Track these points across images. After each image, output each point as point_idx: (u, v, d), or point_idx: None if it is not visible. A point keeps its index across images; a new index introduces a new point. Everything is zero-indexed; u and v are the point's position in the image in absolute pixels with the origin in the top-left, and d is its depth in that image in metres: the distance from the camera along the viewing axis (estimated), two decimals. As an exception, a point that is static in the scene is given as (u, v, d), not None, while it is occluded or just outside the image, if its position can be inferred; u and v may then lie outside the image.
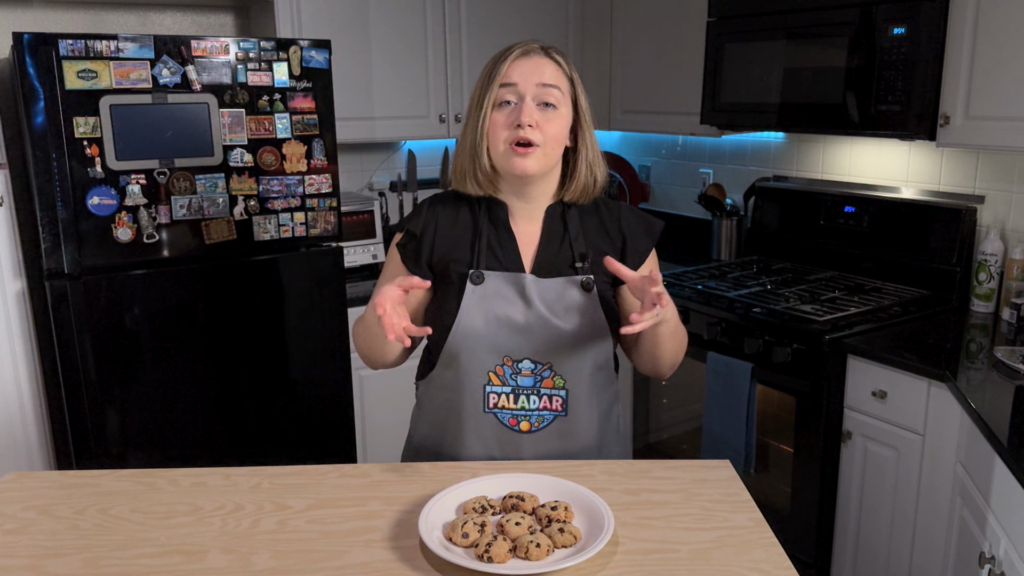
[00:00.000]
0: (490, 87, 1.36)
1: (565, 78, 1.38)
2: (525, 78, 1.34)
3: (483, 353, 1.39)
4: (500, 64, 1.36)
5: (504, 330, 1.38)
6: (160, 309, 2.33)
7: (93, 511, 1.28)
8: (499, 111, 1.35)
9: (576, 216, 1.45)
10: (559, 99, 1.36)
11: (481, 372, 1.40)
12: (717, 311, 2.54)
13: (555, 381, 1.41)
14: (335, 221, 2.55)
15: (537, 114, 1.34)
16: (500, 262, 1.41)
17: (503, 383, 1.41)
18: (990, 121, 2.17)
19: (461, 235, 1.43)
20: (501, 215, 1.43)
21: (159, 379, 2.35)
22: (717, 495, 1.31)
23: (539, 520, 1.20)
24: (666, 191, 3.62)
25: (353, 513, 1.27)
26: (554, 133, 1.36)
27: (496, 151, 1.37)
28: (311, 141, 2.46)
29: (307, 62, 2.42)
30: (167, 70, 2.23)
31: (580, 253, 1.43)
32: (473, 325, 1.38)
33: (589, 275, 1.42)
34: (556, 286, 1.40)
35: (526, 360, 1.40)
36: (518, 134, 1.33)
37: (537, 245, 1.43)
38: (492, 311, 1.38)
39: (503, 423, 1.42)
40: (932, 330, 2.34)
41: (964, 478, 1.90)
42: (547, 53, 1.38)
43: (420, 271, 1.43)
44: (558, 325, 1.38)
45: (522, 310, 1.39)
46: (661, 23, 3.09)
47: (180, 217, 2.31)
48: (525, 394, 1.41)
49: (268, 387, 2.53)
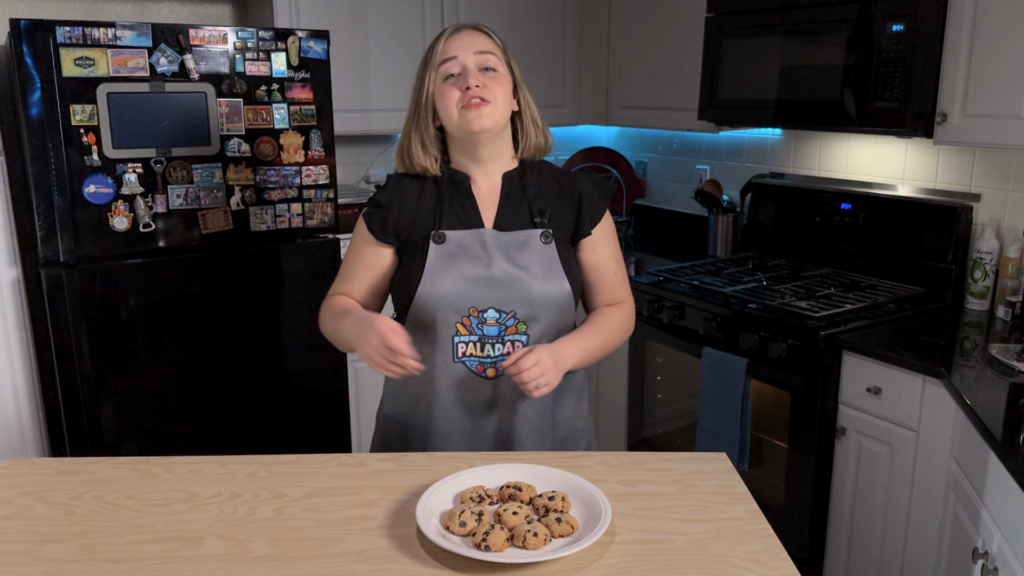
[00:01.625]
0: (428, 67, 1.47)
1: (497, 46, 1.49)
2: (463, 49, 1.45)
3: (449, 308, 1.45)
4: (436, 45, 1.47)
5: (468, 284, 1.45)
6: (156, 299, 2.32)
7: (89, 497, 1.28)
8: (444, 83, 1.45)
9: (534, 181, 1.54)
10: (496, 63, 1.47)
11: (449, 324, 1.46)
12: (713, 307, 2.54)
13: (518, 327, 1.47)
14: (332, 212, 2.55)
15: (481, 76, 1.44)
16: (461, 222, 1.49)
17: (470, 332, 1.47)
18: (987, 119, 2.17)
19: (425, 203, 1.50)
20: (462, 180, 1.51)
21: (154, 369, 2.35)
22: (713, 487, 1.32)
23: (536, 510, 1.20)
24: (663, 187, 3.62)
25: (349, 501, 1.27)
26: (500, 91, 1.45)
27: (451, 118, 1.45)
28: (309, 132, 2.45)
29: (305, 52, 2.41)
30: (165, 59, 2.22)
31: (539, 209, 1.51)
32: (438, 282, 1.45)
33: (548, 229, 1.50)
34: (517, 238, 1.48)
35: (491, 310, 1.46)
36: (468, 95, 1.42)
37: (497, 205, 1.52)
38: (456, 268, 1.45)
39: (471, 370, 1.48)
40: (927, 327, 2.35)
41: (958, 474, 1.91)
42: (476, 27, 1.50)
43: (387, 237, 1.51)
44: (519, 275, 1.45)
45: (485, 263, 1.46)
46: (659, 19, 3.09)
47: (176, 206, 2.30)
48: (491, 343, 1.47)
49: (263, 378, 2.52)
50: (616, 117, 3.36)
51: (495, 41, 1.50)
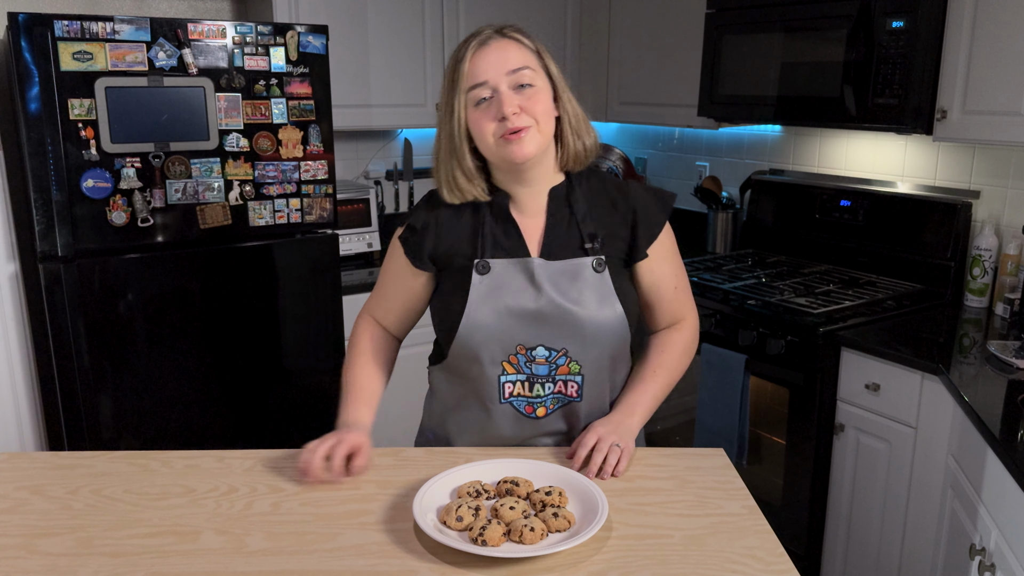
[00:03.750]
0: (456, 91, 1.31)
1: (531, 53, 1.33)
2: (493, 71, 1.29)
3: (495, 345, 1.35)
4: (461, 65, 1.31)
5: (515, 320, 1.34)
6: (154, 294, 2.32)
7: (86, 491, 1.28)
8: (476, 109, 1.31)
9: (582, 197, 1.40)
10: (532, 77, 1.31)
11: (495, 364, 1.37)
12: (712, 303, 2.54)
13: (571, 367, 1.38)
14: (330, 208, 2.54)
15: (517, 98, 1.30)
16: (505, 250, 1.37)
17: (517, 371, 1.37)
18: (987, 116, 2.17)
19: (464, 227, 1.39)
20: (503, 203, 1.39)
21: (152, 364, 2.34)
22: (711, 482, 1.32)
23: (533, 505, 1.20)
24: (662, 183, 3.61)
25: (347, 496, 1.26)
26: (541, 110, 1.31)
27: (487, 147, 1.32)
28: (307, 127, 2.45)
29: (304, 47, 2.40)
30: (163, 53, 2.22)
31: (589, 233, 1.38)
32: (483, 318, 1.34)
33: (600, 255, 1.38)
34: (567, 268, 1.36)
35: (540, 348, 1.36)
36: (506, 126, 1.29)
37: (543, 229, 1.39)
38: (502, 301, 1.34)
39: (519, 411, 1.41)
40: (926, 324, 2.35)
41: (956, 471, 1.91)
42: (503, 34, 1.33)
43: (423, 264, 1.41)
44: (571, 309, 1.34)
45: (532, 297, 1.34)
46: (659, 15, 3.09)
47: (175, 201, 2.30)
48: (540, 382, 1.39)
49: (261, 374, 2.52)
50: (616, 113, 3.35)
51: (528, 46, 1.33)
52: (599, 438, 1.34)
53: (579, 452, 1.33)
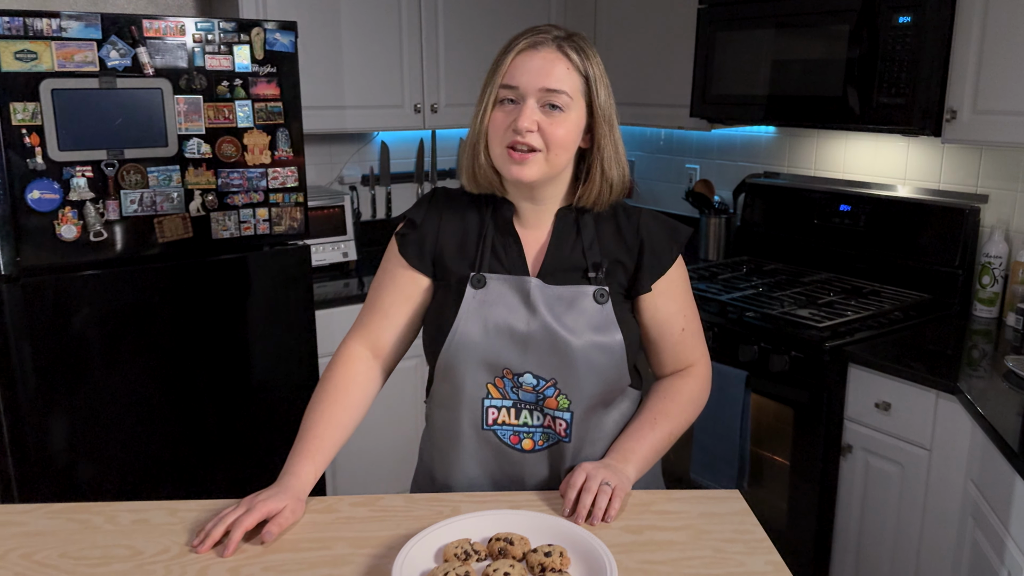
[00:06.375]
0: (492, 83, 1.22)
1: (579, 76, 1.21)
2: (529, 81, 1.19)
3: (480, 365, 1.25)
4: (504, 58, 1.22)
5: (503, 339, 1.24)
6: (109, 313, 2.13)
7: (15, 556, 1.11)
8: (500, 108, 1.22)
9: (590, 221, 1.30)
10: (567, 103, 1.20)
11: (479, 385, 1.26)
12: (709, 315, 2.40)
13: (559, 401, 1.26)
14: (301, 218, 2.37)
15: (539, 115, 1.19)
16: (503, 265, 1.28)
17: (503, 396, 1.26)
18: (1000, 116, 2.05)
19: (465, 234, 1.30)
20: (506, 215, 1.30)
21: (109, 389, 2.16)
22: (729, 532, 1.17)
23: (531, 568, 1.05)
24: (651, 187, 3.47)
25: (317, 558, 1.10)
26: (559, 137, 1.20)
27: (493, 153, 1.24)
28: (275, 131, 2.27)
29: (271, 45, 2.23)
30: (116, 52, 2.04)
31: (594, 262, 1.27)
32: (470, 333, 1.24)
33: (604, 285, 1.27)
34: (565, 294, 1.26)
35: (527, 374, 1.25)
36: (515, 138, 1.19)
37: (545, 249, 1.29)
38: (492, 318, 1.24)
39: (504, 441, 1.29)
40: (935, 336, 2.22)
41: (977, 498, 1.78)
42: (560, 47, 1.21)
43: (423, 265, 1.31)
44: (565, 337, 1.23)
45: (525, 318, 1.24)
46: (648, 10, 2.94)
47: (130, 213, 2.12)
48: (528, 409, 1.27)
49: (230, 395, 2.34)
50: (602, 114, 3.20)
51: (578, 68, 1.21)
52: (587, 475, 1.21)
53: (568, 494, 1.20)
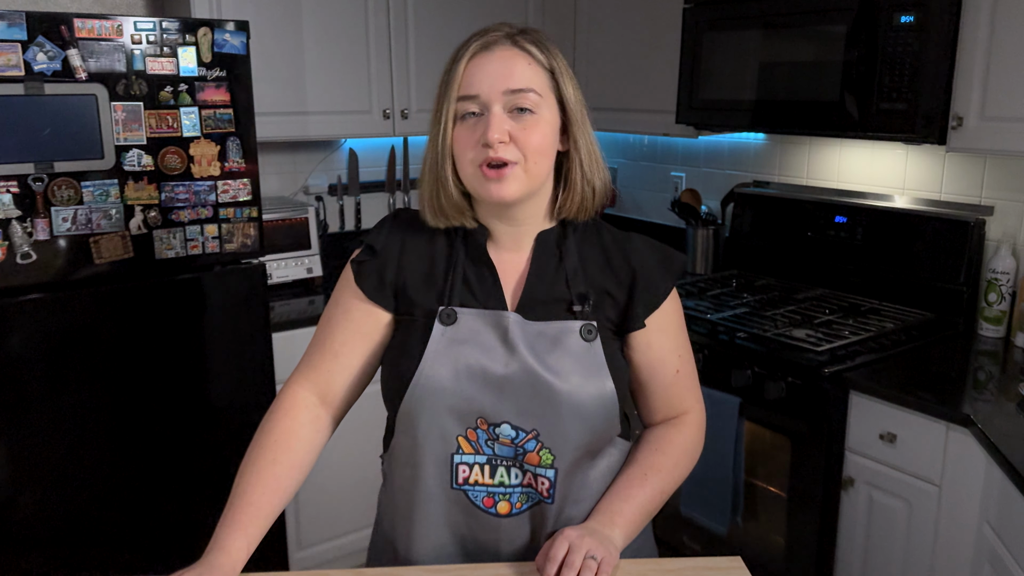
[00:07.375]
0: (447, 97, 1.07)
1: (543, 70, 1.08)
2: (488, 86, 1.05)
3: (450, 414, 1.08)
4: (455, 67, 1.07)
5: (477, 384, 1.07)
6: (43, 341, 1.93)
7: None
8: (462, 125, 1.07)
9: (574, 247, 1.14)
10: (537, 102, 1.06)
11: (448, 438, 1.09)
12: (698, 336, 2.24)
13: (541, 456, 1.08)
14: (255, 234, 2.18)
15: (509, 123, 1.05)
16: (476, 298, 1.12)
17: (476, 451, 1.09)
18: (1010, 123, 1.90)
19: (432, 261, 1.14)
20: (479, 240, 1.14)
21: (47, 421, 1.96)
22: (731, 616, 1.00)
23: (497, 675, 0.87)
24: (634, 196, 3.31)
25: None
26: (536, 144, 1.06)
27: (465, 174, 1.08)
28: (225, 140, 2.08)
29: (219, 47, 2.04)
30: (43, 54, 1.84)
31: (579, 293, 1.12)
32: (438, 377, 1.07)
33: (591, 320, 1.11)
34: (548, 331, 1.10)
35: (505, 425, 1.08)
36: (487, 154, 1.04)
37: (524, 278, 1.13)
38: (463, 359, 1.08)
39: (476, 504, 1.11)
40: (941, 360, 2.07)
41: (995, 542, 1.62)
42: (516, 42, 1.08)
43: (382, 297, 1.14)
44: (548, 381, 1.07)
45: (502, 358, 1.08)
46: (631, 11, 2.77)
47: (63, 232, 1.92)
48: (505, 466, 1.10)
49: (178, 426, 2.15)
50: (583, 119, 3.03)
51: (541, 64, 1.07)
52: (570, 546, 1.03)
53: (547, 569, 1.02)
